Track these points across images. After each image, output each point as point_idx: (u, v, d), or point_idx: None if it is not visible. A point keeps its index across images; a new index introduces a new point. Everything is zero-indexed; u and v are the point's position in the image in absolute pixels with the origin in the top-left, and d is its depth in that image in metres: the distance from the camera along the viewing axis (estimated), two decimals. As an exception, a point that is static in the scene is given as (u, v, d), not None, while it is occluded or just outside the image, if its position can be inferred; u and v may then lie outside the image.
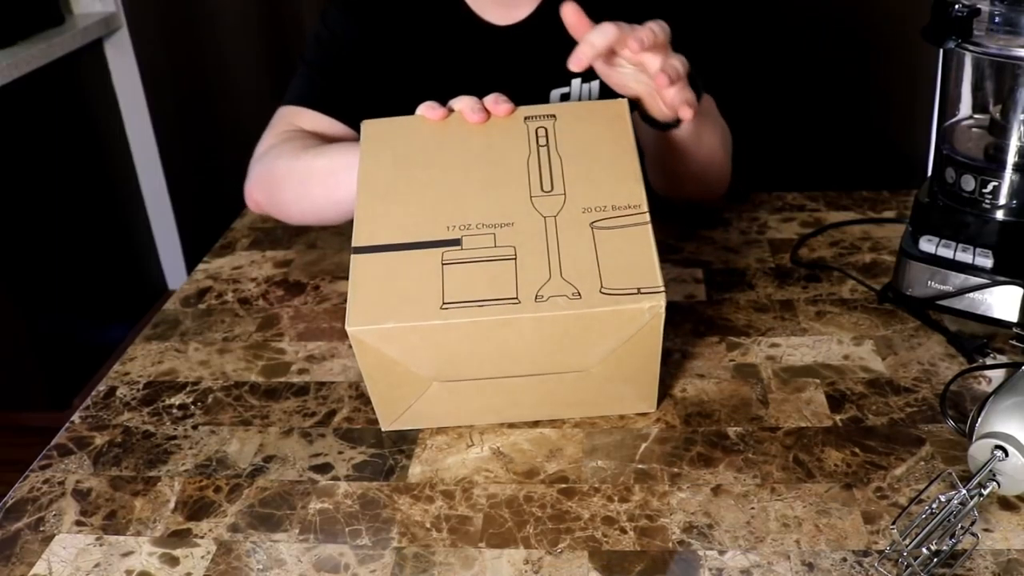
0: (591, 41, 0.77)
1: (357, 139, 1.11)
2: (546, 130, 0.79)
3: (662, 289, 0.69)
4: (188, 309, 1.01)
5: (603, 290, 0.69)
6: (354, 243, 0.74)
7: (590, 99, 1.07)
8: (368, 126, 0.83)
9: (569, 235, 0.72)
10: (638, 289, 0.69)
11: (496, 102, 0.81)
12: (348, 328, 0.70)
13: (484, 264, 0.71)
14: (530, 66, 1.04)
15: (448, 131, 0.80)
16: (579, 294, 0.69)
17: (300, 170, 1.00)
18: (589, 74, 1.05)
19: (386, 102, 1.10)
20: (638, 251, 0.71)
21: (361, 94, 1.08)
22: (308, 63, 1.11)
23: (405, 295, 0.70)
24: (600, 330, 0.70)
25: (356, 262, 0.73)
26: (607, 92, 1.07)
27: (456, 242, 0.73)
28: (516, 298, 0.69)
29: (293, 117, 1.09)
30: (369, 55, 1.08)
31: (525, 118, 0.80)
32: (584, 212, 0.73)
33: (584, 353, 0.72)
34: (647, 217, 0.73)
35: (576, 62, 0.77)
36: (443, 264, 0.72)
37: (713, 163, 1.01)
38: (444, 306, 0.69)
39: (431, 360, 0.73)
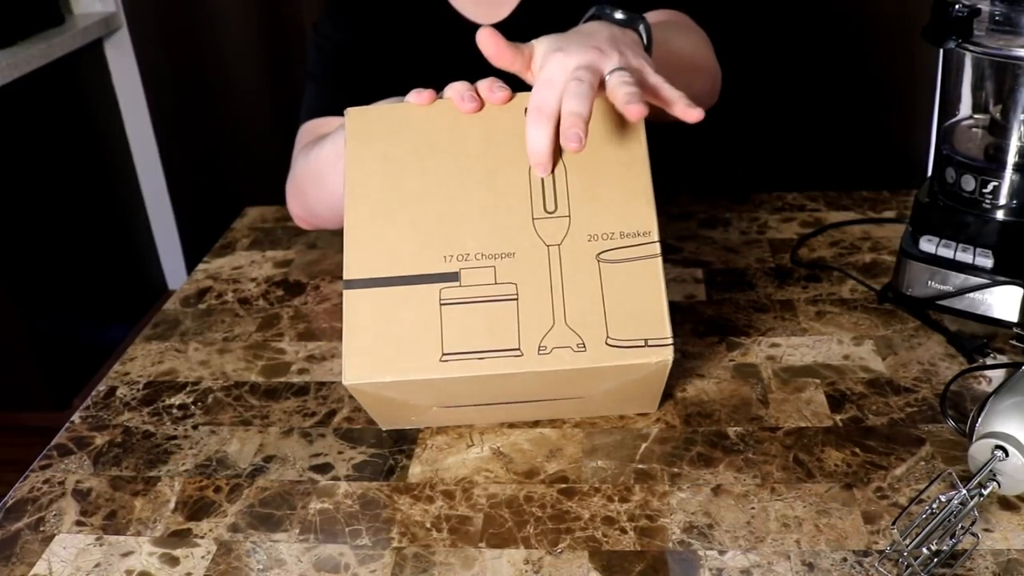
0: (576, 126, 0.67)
1: None
2: None
3: (670, 342, 0.67)
4: (188, 309, 1.01)
5: (609, 341, 0.67)
6: (346, 275, 0.70)
7: None
8: (353, 118, 0.74)
9: (574, 269, 0.68)
10: (645, 341, 0.67)
11: (491, 89, 0.74)
12: (346, 383, 0.68)
13: (484, 305, 0.68)
14: None
15: (442, 126, 0.73)
16: (584, 346, 0.67)
17: (313, 166, 0.99)
18: None
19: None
20: (647, 293, 0.68)
21: (370, 97, 1.09)
22: (315, 77, 1.11)
23: (402, 344, 0.68)
24: (604, 377, 0.69)
25: (349, 299, 0.69)
26: None
27: (454, 276, 0.69)
28: (518, 349, 0.67)
29: (316, 129, 1.09)
30: (367, 58, 1.09)
31: (526, 110, 0.71)
32: (590, 241, 0.69)
33: (587, 392, 0.72)
34: (657, 248, 0.69)
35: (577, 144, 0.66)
36: (441, 304, 0.68)
37: (695, 76, 0.96)
38: (444, 358, 0.67)
39: (431, 400, 0.73)
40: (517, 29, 1.06)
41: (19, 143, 1.98)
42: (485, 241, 0.69)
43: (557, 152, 0.69)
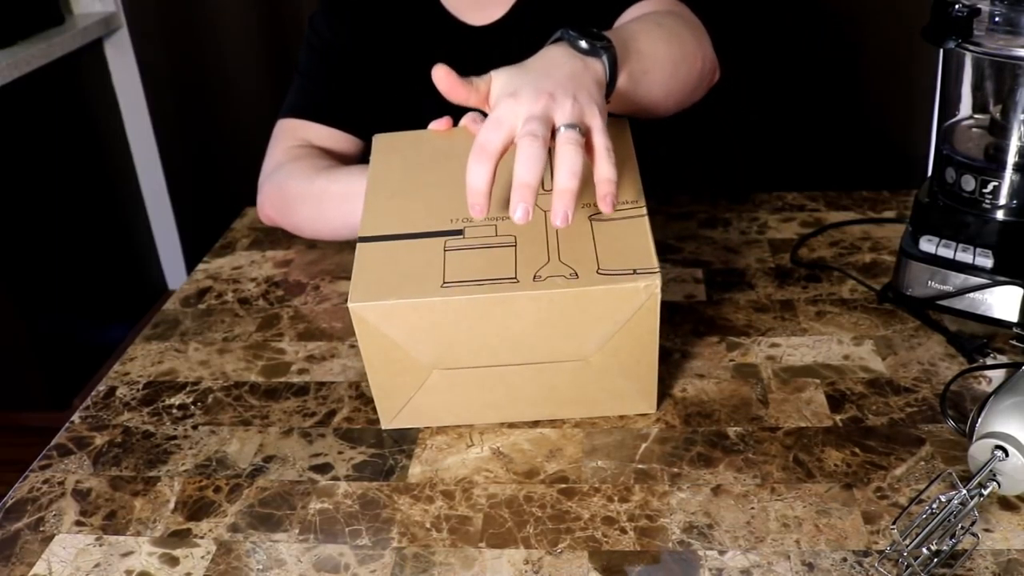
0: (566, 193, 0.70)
1: (362, 150, 1.12)
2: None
3: (657, 270, 0.71)
4: (188, 309, 1.01)
5: (600, 271, 0.71)
6: (360, 233, 0.77)
7: None
8: (379, 139, 0.87)
9: (568, 228, 0.72)
10: (634, 270, 0.71)
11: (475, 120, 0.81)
12: (350, 304, 0.71)
13: (485, 250, 0.74)
14: (507, 64, 1.05)
15: (455, 141, 0.83)
16: (576, 275, 0.71)
17: (315, 193, 1.02)
18: None
19: (378, 104, 1.10)
20: (635, 238, 0.73)
21: (357, 99, 1.09)
22: (303, 74, 1.11)
23: (407, 276, 0.73)
24: (597, 312, 0.71)
25: (361, 250, 0.75)
26: None
27: (459, 232, 0.75)
28: (515, 278, 0.71)
29: (297, 130, 1.10)
30: (358, 58, 1.09)
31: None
32: (584, 207, 0.75)
33: (582, 337, 0.73)
34: (644, 211, 0.75)
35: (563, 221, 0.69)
36: (445, 250, 0.74)
37: (674, 71, 0.95)
38: (444, 284, 0.71)
39: (431, 343, 0.74)
40: (511, 30, 1.06)
41: (19, 143, 1.98)
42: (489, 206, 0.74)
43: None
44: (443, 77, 0.74)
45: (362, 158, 1.13)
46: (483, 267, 0.72)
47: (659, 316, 0.72)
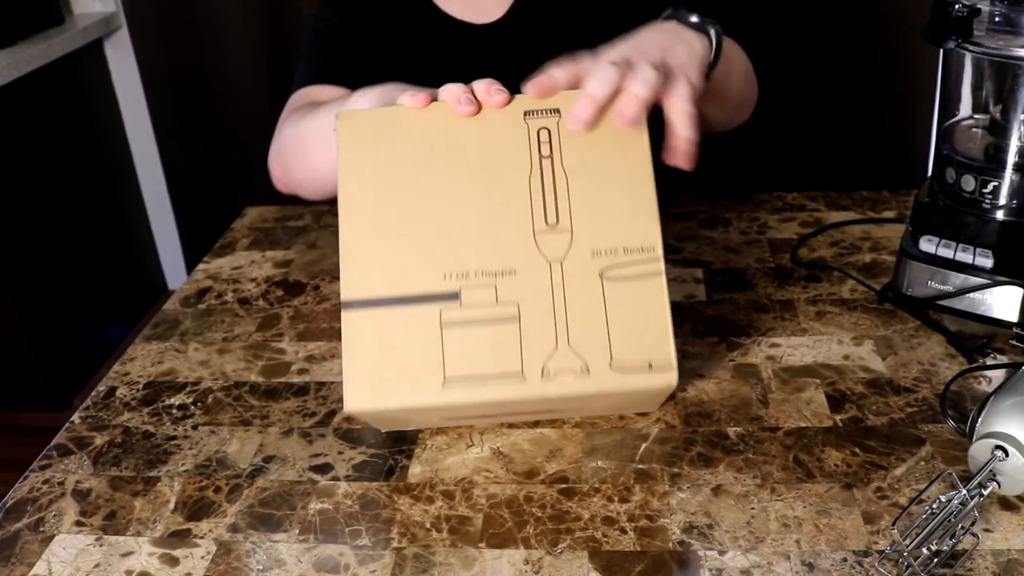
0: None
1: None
2: (549, 132, 0.70)
3: (674, 366, 0.68)
4: (188, 309, 1.01)
5: (613, 364, 0.67)
6: (343, 295, 0.68)
7: None
8: (345, 122, 0.72)
9: (577, 287, 0.67)
10: (649, 364, 0.67)
11: (488, 92, 0.72)
12: (347, 410, 0.68)
13: (486, 327, 0.67)
14: (508, 64, 1.05)
15: (438, 132, 0.71)
16: (587, 369, 0.67)
17: (301, 135, 0.97)
18: None
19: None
20: (651, 312, 0.67)
21: (360, 72, 1.08)
22: (307, 55, 1.11)
23: (404, 368, 0.67)
24: (607, 398, 0.70)
25: (348, 321, 0.68)
26: None
27: (454, 296, 0.68)
28: (521, 373, 0.67)
29: (306, 96, 1.08)
30: (361, 50, 1.08)
31: (525, 113, 0.71)
32: (593, 256, 0.68)
33: (588, 408, 0.74)
34: (661, 265, 0.68)
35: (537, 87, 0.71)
36: (442, 326, 0.67)
37: (747, 85, 0.99)
38: (446, 383, 0.67)
39: (435, 419, 0.74)
40: (510, 29, 1.06)
41: (19, 143, 1.98)
42: (485, 258, 0.68)
43: (559, 160, 0.69)
44: (535, 92, 0.72)
45: None
46: (486, 356, 0.67)
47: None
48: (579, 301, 0.67)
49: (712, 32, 0.77)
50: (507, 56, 1.05)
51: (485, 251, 0.68)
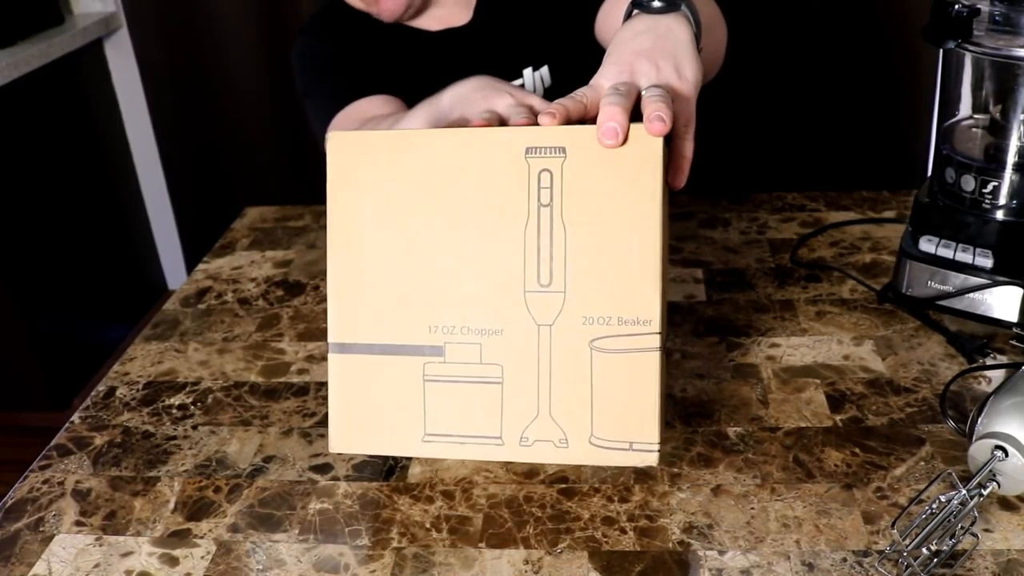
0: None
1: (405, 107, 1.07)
2: (551, 176, 0.64)
3: (656, 449, 0.64)
4: (188, 309, 1.01)
5: (593, 440, 0.65)
6: (331, 337, 0.68)
7: (544, 87, 1.06)
8: (336, 147, 0.68)
9: (564, 354, 0.64)
10: (630, 444, 0.64)
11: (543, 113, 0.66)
12: (332, 449, 0.70)
13: (468, 386, 0.66)
14: (480, 66, 1.05)
15: (435, 168, 0.66)
16: (566, 441, 0.65)
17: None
18: (538, 62, 1.06)
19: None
20: (639, 390, 0.63)
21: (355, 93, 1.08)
22: (311, 89, 1.11)
23: (386, 417, 0.68)
24: (586, 466, 0.70)
25: (334, 363, 0.68)
26: (558, 76, 1.08)
27: (438, 350, 0.66)
28: (499, 438, 0.67)
29: (352, 115, 1.07)
30: (349, 69, 1.09)
31: (527, 150, 0.64)
32: (584, 324, 0.64)
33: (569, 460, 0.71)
34: (657, 341, 0.63)
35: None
36: (425, 380, 0.67)
37: (717, 35, 0.93)
38: (426, 438, 0.68)
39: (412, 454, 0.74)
40: (477, 33, 1.07)
41: (19, 143, 1.98)
42: (472, 314, 0.66)
43: (559, 211, 0.64)
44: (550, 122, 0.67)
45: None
46: (466, 417, 0.66)
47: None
48: (565, 369, 0.64)
49: (684, 8, 0.73)
50: (479, 58, 1.05)
51: (473, 307, 0.66)
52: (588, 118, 0.65)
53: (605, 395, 0.64)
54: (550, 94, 1.08)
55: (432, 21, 1.08)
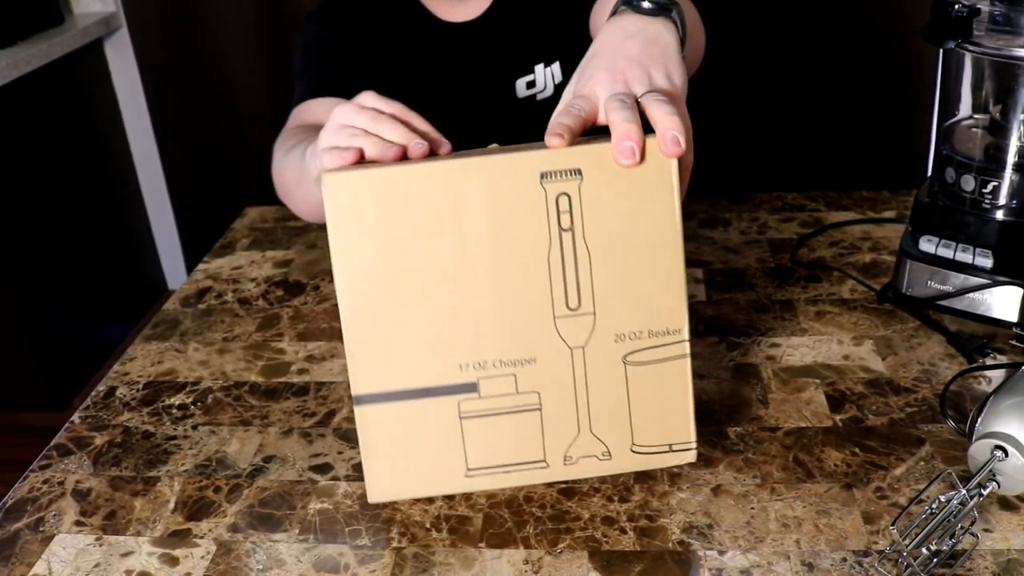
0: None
1: None
2: (569, 200, 0.62)
3: (694, 447, 0.68)
4: (188, 309, 1.01)
5: (634, 448, 0.67)
6: (354, 390, 0.64)
7: (555, 83, 1.08)
8: (332, 191, 0.61)
9: (598, 373, 0.64)
10: (670, 447, 0.67)
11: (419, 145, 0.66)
12: (371, 501, 0.67)
13: (507, 417, 0.65)
14: (493, 59, 1.06)
15: (442, 198, 0.62)
16: (609, 453, 0.67)
17: (284, 178, 0.98)
18: (550, 58, 1.07)
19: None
20: (673, 396, 0.66)
21: (352, 80, 1.08)
22: (299, 74, 1.11)
23: (424, 460, 0.65)
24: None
25: (362, 415, 0.64)
26: (570, 73, 1.08)
27: (472, 387, 0.64)
28: (544, 461, 0.67)
29: (302, 114, 1.09)
30: (348, 58, 1.09)
31: (542, 175, 0.61)
32: (617, 341, 0.64)
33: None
34: (687, 348, 0.65)
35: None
36: (461, 418, 0.65)
37: (699, 54, 0.93)
38: (469, 473, 0.66)
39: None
40: (492, 25, 1.07)
41: (19, 143, 1.98)
42: (503, 346, 0.64)
43: (580, 234, 0.63)
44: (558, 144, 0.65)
45: None
46: (508, 447, 0.65)
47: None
48: (601, 386, 0.65)
49: (674, 14, 0.72)
50: (493, 50, 1.06)
51: (502, 339, 0.64)
52: (588, 128, 0.64)
53: (642, 404, 0.65)
54: (561, 91, 1.08)
55: (445, 7, 1.08)
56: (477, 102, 1.07)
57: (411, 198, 0.61)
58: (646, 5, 0.71)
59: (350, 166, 0.62)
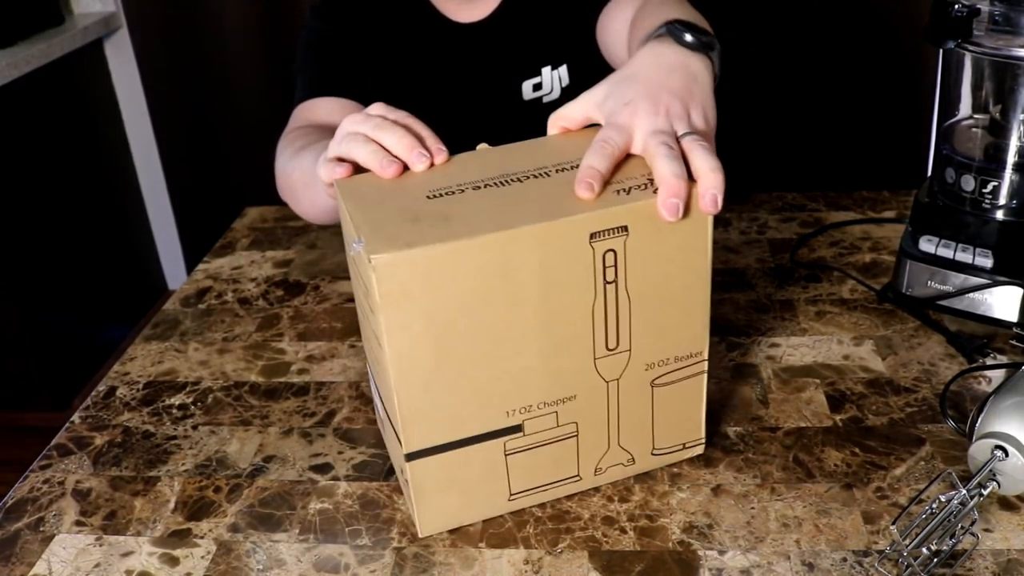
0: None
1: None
2: (615, 255, 0.63)
3: (703, 441, 0.73)
4: (188, 309, 1.01)
5: (654, 452, 0.72)
6: (405, 448, 0.65)
7: (562, 86, 1.08)
8: (383, 272, 0.59)
9: (629, 397, 0.69)
10: (683, 445, 0.73)
11: (418, 154, 0.67)
12: (422, 534, 0.68)
13: (547, 447, 0.68)
14: (500, 60, 1.06)
15: (490, 272, 0.61)
16: (633, 460, 0.72)
17: (291, 180, 0.97)
18: (557, 61, 1.07)
19: (376, 92, 1.10)
20: (689, 403, 0.71)
21: (357, 78, 1.08)
22: (301, 69, 1.11)
23: (471, 491, 0.68)
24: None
25: (414, 469, 0.66)
26: (576, 76, 1.08)
27: (518, 428, 0.66)
28: (577, 475, 0.70)
29: (305, 113, 1.09)
30: (355, 54, 1.09)
31: (591, 236, 0.61)
32: (647, 369, 0.68)
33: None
34: (705, 365, 0.70)
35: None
36: (506, 455, 0.67)
37: None
38: (512, 497, 0.69)
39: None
40: (500, 26, 1.07)
41: (19, 143, 1.98)
42: (547, 390, 0.66)
43: (623, 285, 0.64)
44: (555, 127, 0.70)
45: None
46: (547, 470, 0.69)
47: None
48: (630, 408, 0.69)
49: (714, 54, 0.73)
50: (500, 51, 1.06)
51: (547, 384, 0.66)
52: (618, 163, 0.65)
53: (663, 416, 0.71)
54: (569, 94, 1.08)
55: (454, 6, 1.08)
56: (482, 103, 1.07)
57: (462, 269, 0.61)
58: (689, 38, 0.71)
59: (398, 245, 0.60)
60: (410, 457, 0.65)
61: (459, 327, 0.62)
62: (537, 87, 1.07)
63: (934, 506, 0.62)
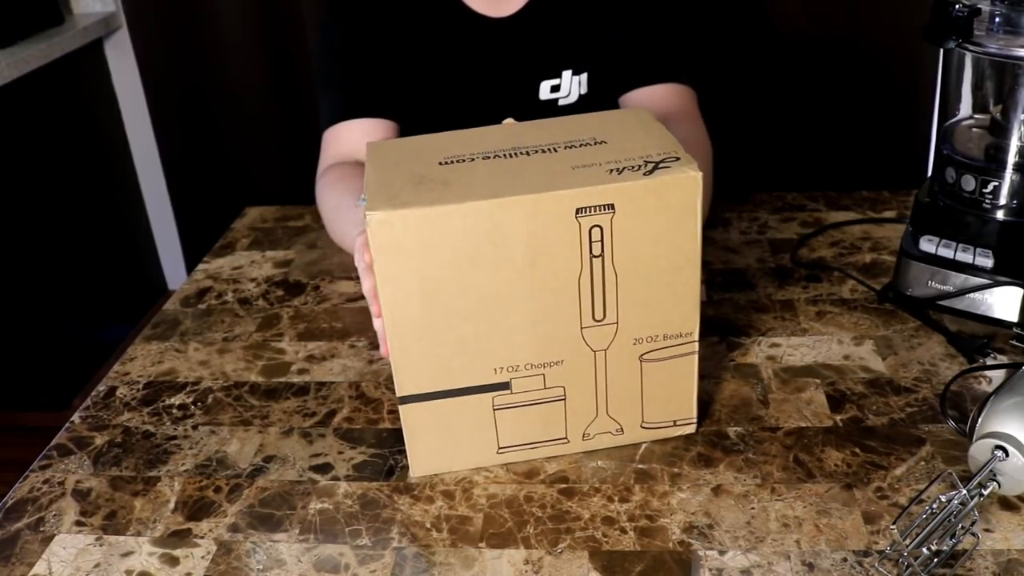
0: None
1: (399, 133, 1.06)
2: (601, 231, 0.66)
3: (694, 420, 0.75)
4: (188, 309, 1.01)
5: (643, 425, 0.74)
6: (399, 392, 0.69)
7: (580, 92, 1.08)
8: (377, 230, 0.64)
9: (617, 369, 0.71)
10: (674, 422, 0.75)
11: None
12: (413, 474, 0.73)
13: (534, 407, 0.72)
14: (521, 58, 1.05)
15: (482, 236, 0.65)
16: (622, 430, 0.74)
17: (330, 225, 1.04)
18: (579, 66, 1.06)
19: (399, 94, 1.10)
20: (681, 383, 0.73)
21: (382, 86, 1.08)
22: (325, 83, 1.10)
23: (461, 443, 0.73)
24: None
25: (406, 412, 0.71)
26: (596, 86, 1.08)
27: (505, 385, 0.70)
28: (565, 438, 0.73)
29: (338, 138, 1.08)
30: (376, 54, 1.08)
31: (578, 211, 0.64)
32: (635, 344, 0.70)
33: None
34: (696, 346, 0.72)
35: None
36: (494, 409, 0.71)
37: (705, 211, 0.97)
38: (500, 451, 0.73)
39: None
40: (526, 24, 1.07)
41: (19, 143, 1.98)
42: (534, 352, 0.70)
43: (609, 259, 0.67)
44: None
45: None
46: (535, 428, 0.73)
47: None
48: (618, 380, 0.72)
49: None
50: (522, 49, 1.05)
51: (534, 347, 0.69)
52: None
53: (653, 392, 0.73)
54: (585, 102, 1.08)
55: (481, 0, 1.07)
56: (498, 97, 1.07)
57: (451, 232, 0.65)
58: None
59: (394, 204, 0.64)
60: (403, 400, 0.70)
61: (450, 285, 0.66)
62: (555, 88, 1.07)
63: (934, 506, 0.62)
